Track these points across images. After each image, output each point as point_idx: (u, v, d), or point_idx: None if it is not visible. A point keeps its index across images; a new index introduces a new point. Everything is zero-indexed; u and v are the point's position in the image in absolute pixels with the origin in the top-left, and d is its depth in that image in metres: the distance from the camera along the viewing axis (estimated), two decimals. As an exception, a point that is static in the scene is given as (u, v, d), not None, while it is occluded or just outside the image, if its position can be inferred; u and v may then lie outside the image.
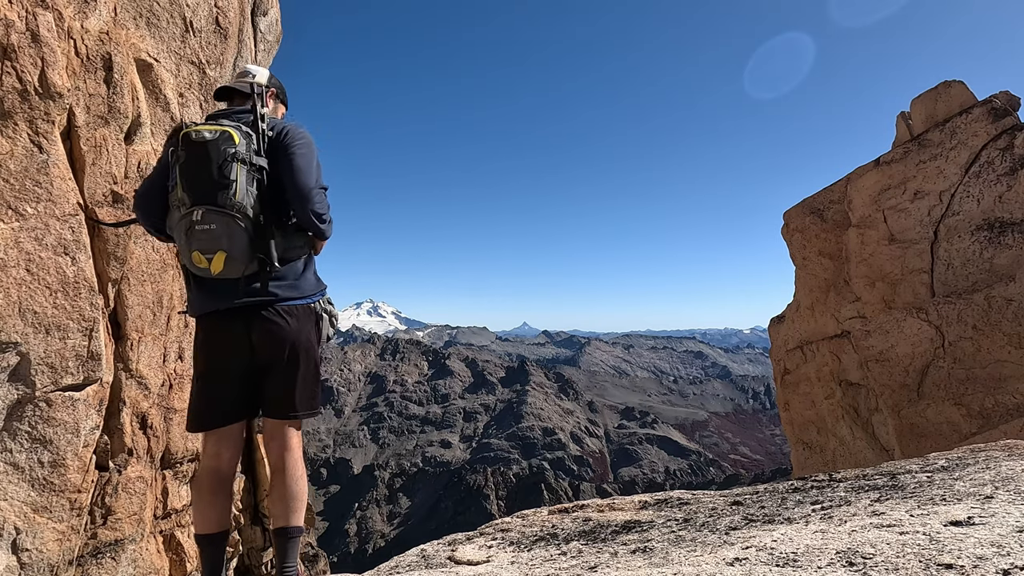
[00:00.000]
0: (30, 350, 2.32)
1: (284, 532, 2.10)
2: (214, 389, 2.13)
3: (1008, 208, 8.22)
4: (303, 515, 2.17)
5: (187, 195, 1.96)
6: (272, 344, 2.10)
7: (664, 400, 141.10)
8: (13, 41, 2.28)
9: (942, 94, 9.56)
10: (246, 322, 2.08)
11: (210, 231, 1.94)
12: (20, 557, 2.30)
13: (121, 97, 2.87)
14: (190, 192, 1.95)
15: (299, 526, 2.14)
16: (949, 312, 8.08)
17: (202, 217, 1.94)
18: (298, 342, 2.14)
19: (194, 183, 1.96)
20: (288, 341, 2.11)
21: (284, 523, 2.10)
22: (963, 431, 7.61)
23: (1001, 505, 1.85)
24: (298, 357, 2.14)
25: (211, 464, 2.12)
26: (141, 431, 3.08)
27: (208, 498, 2.08)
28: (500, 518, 4.03)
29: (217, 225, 1.95)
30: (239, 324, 2.08)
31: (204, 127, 2.01)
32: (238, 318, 2.08)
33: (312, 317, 2.21)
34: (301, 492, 2.15)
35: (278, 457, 2.14)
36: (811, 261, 10.96)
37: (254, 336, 2.09)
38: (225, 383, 2.13)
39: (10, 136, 2.29)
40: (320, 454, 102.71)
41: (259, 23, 4.88)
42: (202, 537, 2.09)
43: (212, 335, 2.13)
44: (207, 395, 2.14)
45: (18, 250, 2.29)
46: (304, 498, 2.17)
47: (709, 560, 1.52)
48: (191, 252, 1.97)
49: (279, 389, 2.13)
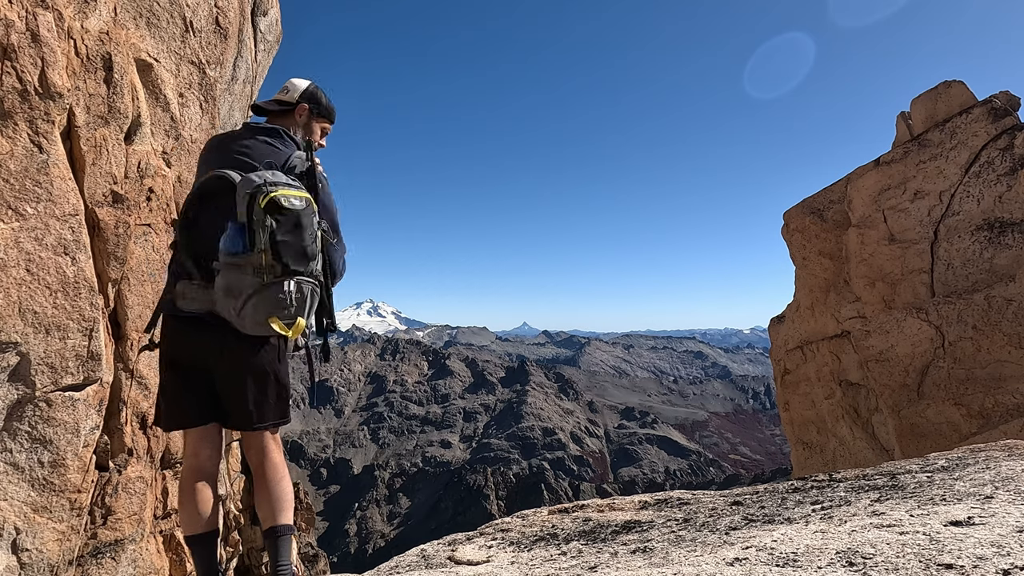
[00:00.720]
0: (30, 350, 2.32)
1: (273, 532, 2.11)
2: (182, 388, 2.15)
3: (1008, 208, 8.22)
4: (290, 514, 2.17)
5: (277, 264, 1.94)
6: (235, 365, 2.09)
7: (664, 400, 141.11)
8: (13, 41, 2.28)
9: (942, 94, 9.56)
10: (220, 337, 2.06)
11: (299, 298, 1.98)
12: (20, 557, 2.30)
13: (121, 97, 2.87)
14: (280, 261, 1.94)
15: (287, 524, 2.14)
16: (949, 312, 8.08)
17: (294, 287, 1.96)
18: (265, 363, 2.12)
19: (287, 253, 1.95)
20: (256, 366, 2.10)
21: (272, 523, 2.10)
22: (963, 431, 7.61)
23: (1001, 505, 1.85)
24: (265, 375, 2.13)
25: (190, 463, 2.13)
26: (141, 431, 3.08)
27: (191, 497, 2.08)
28: (500, 518, 4.03)
29: (304, 293, 1.99)
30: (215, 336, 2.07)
31: (291, 193, 1.99)
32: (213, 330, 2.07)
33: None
34: (284, 492, 2.15)
35: (257, 464, 2.15)
36: (811, 261, 10.96)
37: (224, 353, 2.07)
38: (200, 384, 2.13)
39: (10, 136, 2.29)
40: (320, 454, 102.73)
41: (259, 23, 4.88)
42: (190, 539, 2.09)
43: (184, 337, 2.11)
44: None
45: (18, 250, 2.29)
46: (289, 498, 2.17)
47: (709, 560, 1.52)
48: (267, 318, 1.95)
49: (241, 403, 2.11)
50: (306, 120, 2.43)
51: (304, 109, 2.41)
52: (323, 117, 2.48)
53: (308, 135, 2.43)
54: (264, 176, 2.00)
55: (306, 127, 2.43)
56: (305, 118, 2.42)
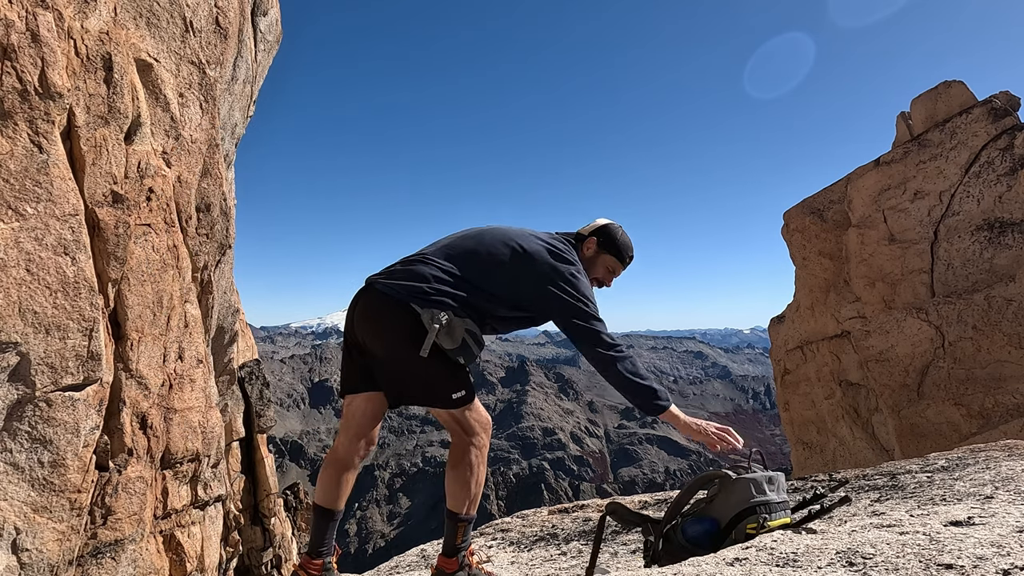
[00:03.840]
0: (30, 350, 2.32)
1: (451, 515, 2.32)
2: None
3: (1008, 208, 8.22)
4: (461, 505, 2.30)
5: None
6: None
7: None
8: (13, 41, 2.28)
9: (942, 94, 9.56)
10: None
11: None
12: (20, 557, 2.30)
13: (121, 97, 2.87)
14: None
15: (453, 512, 2.30)
16: (949, 312, 8.08)
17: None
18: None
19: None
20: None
21: (448, 506, 2.31)
22: (963, 431, 7.61)
23: (1001, 505, 1.85)
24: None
25: (333, 445, 2.35)
26: (141, 431, 3.08)
27: (327, 472, 2.29)
28: (500, 518, 4.03)
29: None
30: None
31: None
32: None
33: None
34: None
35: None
36: (811, 261, 10.96)
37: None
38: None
39: (10, 136, 2.29)
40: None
41: (259, 23, 4.88)
42: (317, 507, 2.31)
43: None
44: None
45: (18, 250, 2.29)
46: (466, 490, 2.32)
47: (709, 560, 1.52)
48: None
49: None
50: (592, 255, 2.47)
51: (592, 243, 2.47)
52: (611, 254, 2.49)
53: (591, 269, 2.47)
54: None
55: (591, 261, 2.47)
56: (592, 252, 2.47)
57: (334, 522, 2.31)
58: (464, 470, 2.25)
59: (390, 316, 2.14)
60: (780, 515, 1.90)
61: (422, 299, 2.11)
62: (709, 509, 1.96)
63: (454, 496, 2.28)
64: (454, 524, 2.30)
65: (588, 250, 2.46)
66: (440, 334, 2.06)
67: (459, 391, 2.20)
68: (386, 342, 2.17)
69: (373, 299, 2.20)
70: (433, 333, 2.05)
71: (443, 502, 2.36)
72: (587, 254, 2.45)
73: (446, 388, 2.18)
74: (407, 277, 2.18)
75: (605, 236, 2.47)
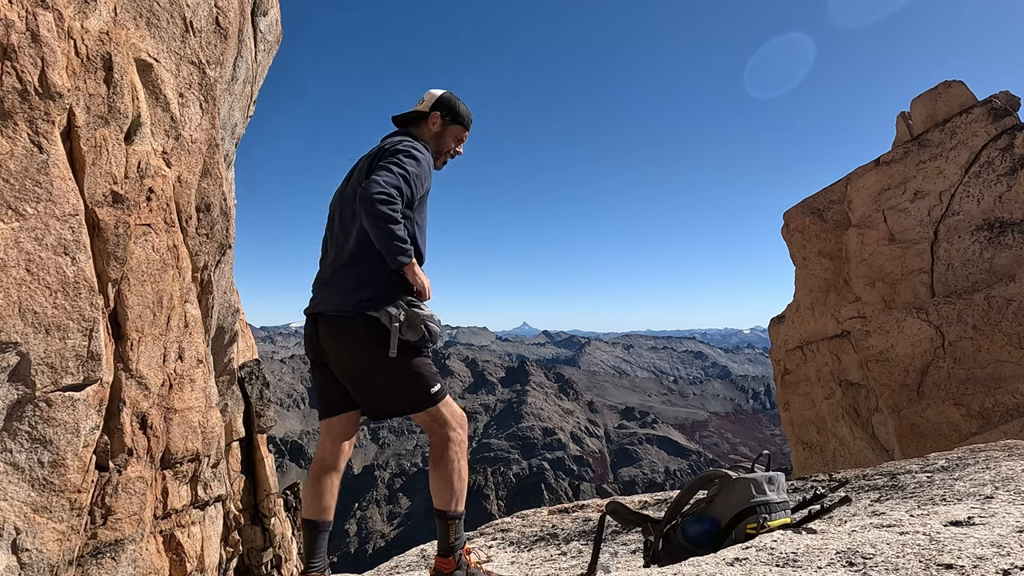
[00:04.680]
0: (30, 350, 2.32)
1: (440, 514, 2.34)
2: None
3: (1008, 208, 8.22)
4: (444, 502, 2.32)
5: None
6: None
7: (664, 400, 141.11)
8: (13, 41, 2.28)
9: (942, 94, 9.56)
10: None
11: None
12: (20, 557, 2.30)
13: (121, 97, 2.87)
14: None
15: (442, 510, 2.31)
16: (949, 312, 8.08)
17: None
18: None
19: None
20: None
21: (435, 505, 2.34)
22: (963, 431, 7.61)
23: (1001, 505, 1.85)
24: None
25: (317, 453, 2.38)
26: (141, 431, 3.08)
27: (310, 484, 2.31)
28: (500, 518, 4.03)
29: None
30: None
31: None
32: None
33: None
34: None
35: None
36: (811, 261, 10.96)
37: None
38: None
39: (10, 136, 2.29)
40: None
41: (259, 23, 4.88)
42: (305, 521, 2.32)
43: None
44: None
45: (18, 250, 2.29)
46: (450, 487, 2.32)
47: (709, 560, 1.52)
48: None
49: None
50: (439, 129, 2.47)
51: (436, 117, 2.46)
52: (458, 124, 2.50)
53: (440, 143, 2.48)
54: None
55: (439, 135, 2.47)
56: (438, 127, 2.47)
57: (324, 533, 2.32)
58: (445, 467, 2.29)
59: (349, 331, 2.21)
60: (780, 515, 1.90)
61: (368, 303, 2.18)
62: (709, 509, 1.96)
63: (439, 494, 2.30)
64: (445, 523, 2.31)
65: (434, 125, 2.46)
66: (403, 330, 2.13)
67: (434, 385, 2.28)
68: (355, 356, 2.24)
69: (328, 324, 2.28)
70: (396, 332, 2.12)
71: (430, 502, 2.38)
72: (434, 129, 2.46)
73: (423, 385, 2.25)
74: (341, 291, 2.25)
75: (447, 108, 2.48)
